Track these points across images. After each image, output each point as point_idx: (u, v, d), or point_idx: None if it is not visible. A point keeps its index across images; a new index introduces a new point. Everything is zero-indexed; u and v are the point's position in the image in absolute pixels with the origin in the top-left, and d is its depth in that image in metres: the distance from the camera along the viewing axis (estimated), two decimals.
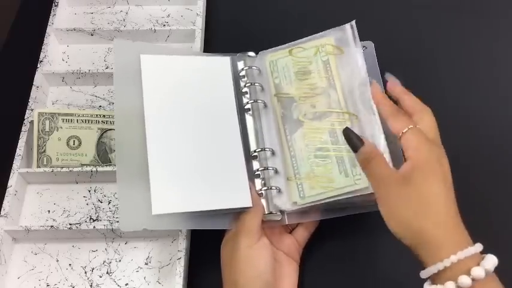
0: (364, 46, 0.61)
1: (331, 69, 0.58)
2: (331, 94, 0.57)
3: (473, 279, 0.39)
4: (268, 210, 0.55)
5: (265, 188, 0.56)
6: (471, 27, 0.72)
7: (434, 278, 0.42)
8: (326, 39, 0.59)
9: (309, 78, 0.59)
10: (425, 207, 0.43)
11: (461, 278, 0.40)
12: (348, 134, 0.48)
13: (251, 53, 0.62)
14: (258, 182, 0.56)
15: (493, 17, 0.73)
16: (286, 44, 0.61)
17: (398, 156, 0.53)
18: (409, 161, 0.45)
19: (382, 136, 0.53)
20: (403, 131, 0.46)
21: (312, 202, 0.54)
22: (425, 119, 0.48)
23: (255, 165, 0.57)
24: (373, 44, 0.62)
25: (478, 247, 0.41)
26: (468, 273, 0.40)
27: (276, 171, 0.56)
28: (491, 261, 0.40)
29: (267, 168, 0.56)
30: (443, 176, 0.44)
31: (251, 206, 0.53)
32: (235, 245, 0.50)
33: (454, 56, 0.70)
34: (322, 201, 0.54)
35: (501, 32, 0.72)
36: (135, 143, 0.54)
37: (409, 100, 0.50)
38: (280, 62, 0.61)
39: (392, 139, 0.53)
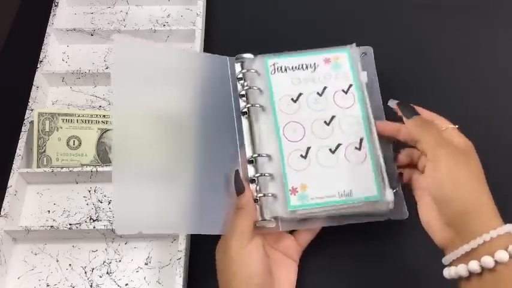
0: (363, 52, 0.61)
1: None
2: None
3: (511, 256, 0.41)
4: (262, 217, 0.54)
5: (260, 194, 0.55)
6: (474, 28, 0.72)
7: (461, 258, 0.44)
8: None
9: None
10: (478, 182, 0.47)
11: (499, 252, 0.41)
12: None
13: (248, 55, 0.61)
14: (253, 188, 0.56)
15: (495, 18, 0.73)
16: (290, 52, 0.61)
17: (394, 178, 0.55)
18: (463, 143, 0.50)
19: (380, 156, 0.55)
20: (443, 128, 0.51)
21: (310, 210, 0.54)
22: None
23: (251, 170, 0.57)
24: (372, 49, 0.62)
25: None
26: (506, 248, 0.41)
27: (272, 178, 0.56)
28: None
29: (263, 175, 0.56)
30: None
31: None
32: (226, 248, 0.50)
33: (457, 58, 0.70)
34: (321, 210, 0.54)
35: (505, 33, 0.72)
36: (134, 144, 0.53)
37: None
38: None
39: (387, 160, 0.56)
